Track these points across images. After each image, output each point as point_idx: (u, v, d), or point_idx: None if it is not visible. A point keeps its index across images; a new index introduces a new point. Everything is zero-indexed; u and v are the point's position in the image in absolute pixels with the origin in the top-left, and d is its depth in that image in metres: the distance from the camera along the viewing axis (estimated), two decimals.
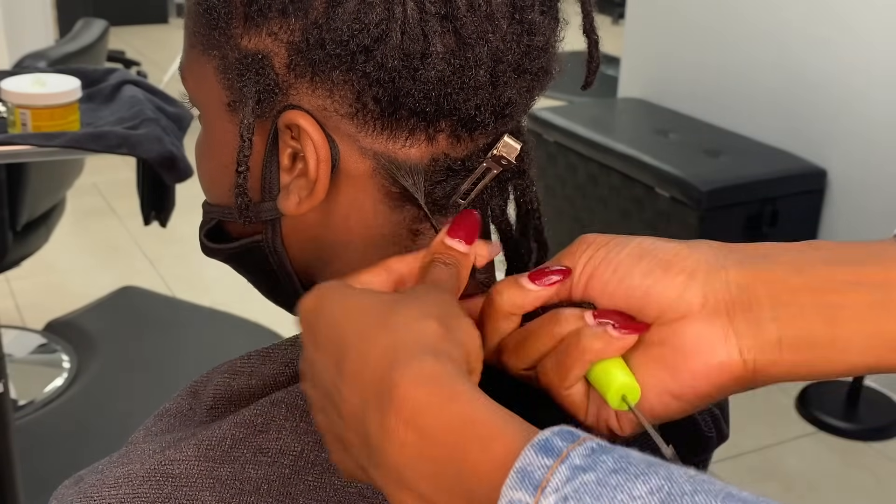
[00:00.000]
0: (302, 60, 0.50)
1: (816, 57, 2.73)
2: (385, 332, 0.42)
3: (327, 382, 0.44)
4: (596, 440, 0.37)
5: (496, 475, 0.37)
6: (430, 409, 0.39)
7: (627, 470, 0.35)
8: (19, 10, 3.38)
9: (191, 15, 0.55)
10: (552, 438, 0.36)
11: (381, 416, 0.40)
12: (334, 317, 0.44)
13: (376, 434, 0.40)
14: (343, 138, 0.51)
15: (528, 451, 0.36)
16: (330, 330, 0.44)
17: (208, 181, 0.59)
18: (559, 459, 0.36)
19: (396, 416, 0.39)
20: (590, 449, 0.36)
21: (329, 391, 0.44)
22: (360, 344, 0.42)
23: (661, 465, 0.35)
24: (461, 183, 0.53)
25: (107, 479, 0.53)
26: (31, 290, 3.07)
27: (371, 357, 0.41)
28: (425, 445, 0.39)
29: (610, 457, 0.35)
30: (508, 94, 0.52)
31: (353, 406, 0.42)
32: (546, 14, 0.53)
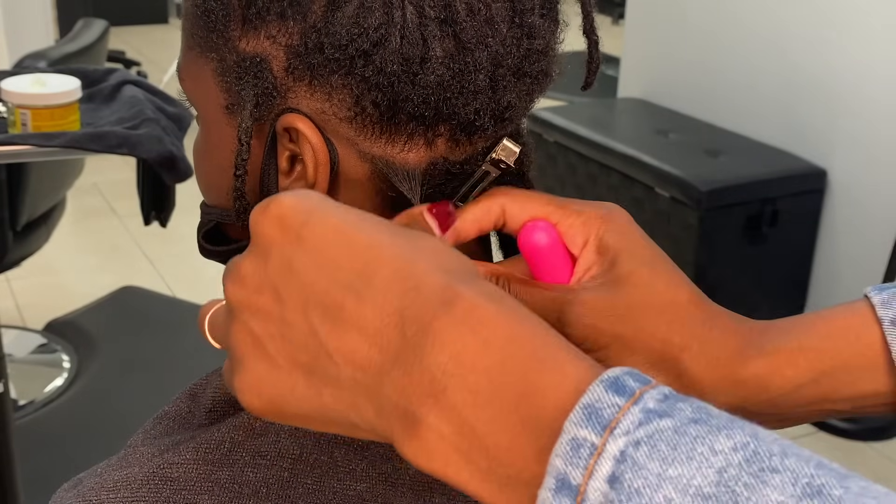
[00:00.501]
0: (300, 64, 0.50)
1: (817, 57, 2.73)
2: (427, 251, 0.39)
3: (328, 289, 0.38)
4: (668, 387, 0.33)
5: (562, 405, 0.33)
6: (498, 322, 0.35)
7: (708, 421, 0.31)
8: (19, 10, 3.38)
9: (189, 17, 0.54)
10: (623, 377, 0.33)
11: (433, 319, 0.35)
12: (343, 224, 0.39)
13: (416, 336, 0.36)
14: (341, 142, 0.51)
15: (596, 386, 0.33)
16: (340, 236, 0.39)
17: (206, 183, 0.59)
18: (632, 400, 0.32)
19: (458, 320, 0.35)
20: (663, 394, 0.33)
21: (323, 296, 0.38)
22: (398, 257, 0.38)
23: (745, 421, 0.32)
24: (460, 186, 0.53)
25: (105, 482, 0.53)
26: (31, 290, 3.07)
27: (420, 266, 0.37)
28: (485, 357, 0.35)
29: (688, 405, 0.32)
30: (508, 98, 0.52)
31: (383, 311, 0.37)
32: (546, 17, 0.53)
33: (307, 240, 0.39)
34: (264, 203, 0.41)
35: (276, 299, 0.39)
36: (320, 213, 0.40)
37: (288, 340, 0.39)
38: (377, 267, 0.38)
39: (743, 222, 2.65)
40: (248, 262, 0.41)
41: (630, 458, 0.31)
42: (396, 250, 0.38)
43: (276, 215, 0.40)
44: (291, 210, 0.40)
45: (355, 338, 0.37)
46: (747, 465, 0.30)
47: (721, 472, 0.30)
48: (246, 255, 0.41)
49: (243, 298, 0.40)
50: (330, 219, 0.40)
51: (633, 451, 0.31)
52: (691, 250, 2.61)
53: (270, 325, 0.39)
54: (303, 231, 0.39)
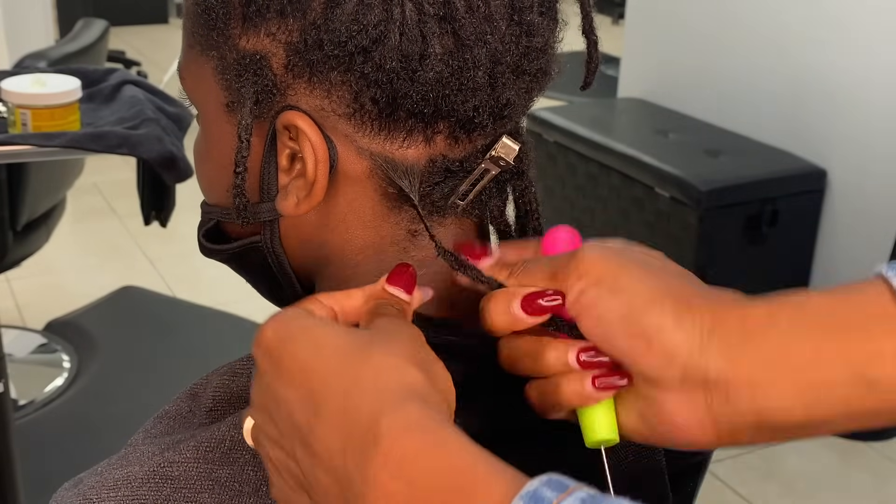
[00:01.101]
0: (300, 61, 0.50)
1: (817, 57, 2.73)
2: (368, 375, 0.41)
3: (297, 418, 0.42)
4: (585, 489, 0.36)
5: None
6: (418, 459, 0.38)
7: None
8: (19, 10, 3.38)
9: (189, 15, 0.55)
10: (541, 489, 0.36)
11: (366, 464, 0.39)
12: (306, 351, 0.43)
13: (358, 481, 0.39)
14: (340, 139, 0.51)
15: (517, 502, 0.35)
16: (302, 364, 0.43)
17: (207, 182, 0.59)
18: None
19: (384, 466, 0.38)
20: (580, 500, 0.35)
21: (297, 427, 0.42)
22: (342, 385, 0.41)
23: None
24: (459, 184, 0.53)
25: (106, 481, 0.53)
26: (31, 290, 3.07)
27: (354, 400, 0.40)
28: (413, 496, 0.38)
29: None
30: (507, 96, 0.52)
31: (331, 448, 0.41)
32: (545, 15, 0.53)
33: (282, 370, 0.43)
34: (257, 332, 0.45)
35: (276, 428, 0.44)
36: (291, 343, 0.43)
37: (286, 465, 0.44)
38: (325, 401, 0.41)
39: (743, 222, 2.65)
40: (255, 389, 0.45)
41: None
42: (340, 382, 0.41)
43: (263, 345, 0.44)
44: (272, 340, 0.44)
45: (321, 472, 0.41)
46: None
47: None
48: (254, 383, 0.46)
49: (259, 423, 0.45)
50: (298, 351, 0.43)
51: None
52: (691, 250, 2.61)
53: (277, 452, 0.44)
54: (280, 364, 0.43)
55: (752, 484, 2.30)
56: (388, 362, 0.42)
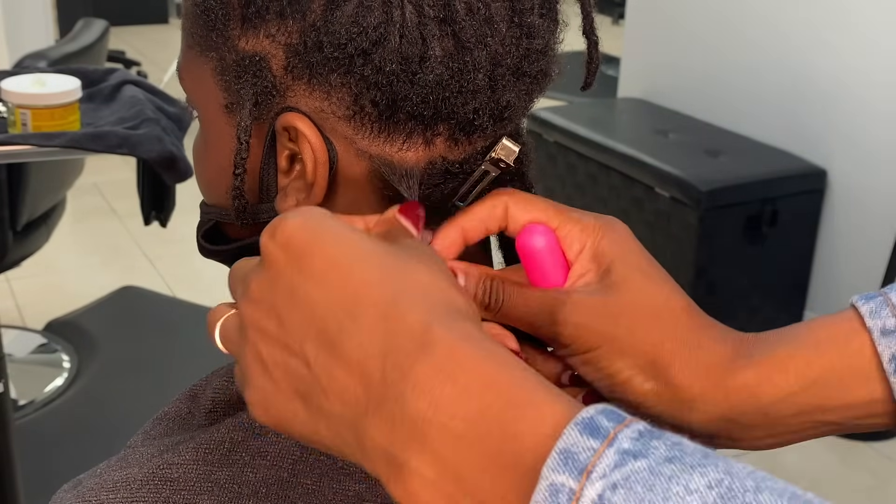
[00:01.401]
0: (299, 63, 0.50)
1: (817, 57, 2.73)
2: (416, 287, 0.39)
3: (321, 318, 0.39)
4: (642, 423, 0.34)
5: (540, 450, 0.34)
6: (474, 367, 0.36)
7: (682, 459, 0.32)
8: (19, 10, 3.38)
9: (188, 16, 0.54)
10: (597, 417, 0.34)
11: (413, 368, 0.36)
12: (342, 252, 0.40)
13: (398, 384, 0.36)
14: (340, 140, 0.51)
15: (571, 429, 0.33)
16: (337, 265, 0.40)
17: (206, 182, 0.59)
18: (606, 442, 0.33)
19: (438, 370, 0.36)
20: (637, 432, 0.33)
21: (319, 327, 0.39)
22: (387, 292, 0.39)
23: (718, 457, 0.33)
24: (459, 186, 0.53)
25: (105, 482, 0.53)
26: (31, 290, 3.08)
27: (401, 308, 0.38)
28: (463, 404, 0.35)
29: (662, 443, 0.33)
30: (507, 98, 0.52)
31: (367, 352, 0.38)
32: (545, 17, 0.52)
33: (307, 269, 0.40)
34: (273, 224, 0.42)
35: (280, 325, 0.40)
36: (321, 241, 0.41)
37: (289, 370, 0.40)
38: (365, 306, 0.39)
39: (743, 222, 2.65)
40: (258, 282, 0.42)
41: (608, 502, 0.32)
42: (385, 289, 0.39)
43: (282, 239, 0.41)
44: (295, 235, 0.41)
45: (343, 374, 0.38)
46: (722, 501, 0.30)
47: None
48: (257, 271, 0.42)
49: (254, 318, 0.42)
50: (329, 249, 0.40)
51: (610, 495, 0.32)
52: (691, 250, 2.61)
53: (275, 350, 0.41)
54: (304, 259, 0.40)
55: None
56: (434, 278, 0.41)
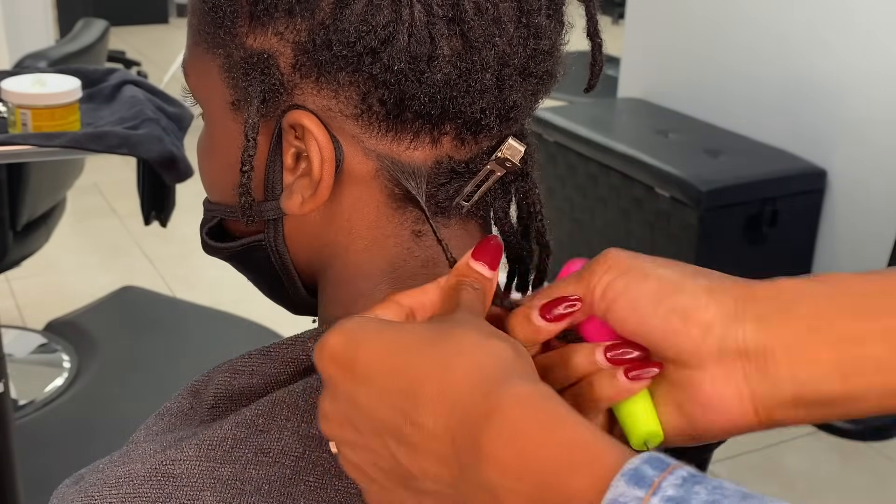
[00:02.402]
0: (308, 61, 0.50)
1: (817, 57, 2.73)
2: (462, 357, 0.41)
3: (384, 415, 0.42)
4: (686, 468, 0.36)
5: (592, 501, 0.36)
6: (530, 431, 0.39)
7: (722, 503, 0.34)
8: (19, 10, 3.38)
9: (196, 13, 0.54)
10: (642, 467, 0.36)
11: (479, 439, 0.39)
12: (384, 348, 0.43)
13: (470, 453, 0.39)
14: (347, 139, 0.51)
15: (618, 480, 0.36)
16: (382, 361, 0.43)
17: (210, 180, 0.59)
18: (651, 490, 0.35)
19: (498, 437, 0.39)
20: (681, 478, 0.35)
21: (387, 424, 0.42)
22: (435, 371, 0.41)
23: (755, 496, 0.34)
24: (465, 185, 0.53)
25: (108, 478, 0.53)
26: (31, 290, 3.07)
27: (453, 382, 0.41)
28: (525, 467, 0.38)
29: (703, 487, 0.35)
30: (514, 98, 0.52)
31: (435, 434, 0.41)
32: (552, 18, 0.53)
33: (360, 375, 0.43)
34: (320, 344, 0.45)
35: (357, 432, 0.44)
36: (364, 344, 0.43)
37: (379, 466, 0.43)
38: (420, 388, 0.41)
39: (743, 222, 2.65)
40: (325, 402, 0.45)
41: None
42: (434, 368, 0.41)
43: (329, 356, 0.44)
44: (337, 346, 0.44)
45: (423, 458, 0.42)
46: None
47: None
48: (322, 395, 0.46)
49: (335, 434, 0.45)
50: (373, 348, 0.43)
51: None
52: (691, 250, 2.61)
53: (362, 454, 0.44)
54: (355, 368, 0.43)
55: (752, 484, 2.30)
56: (478, 341, 0.42)
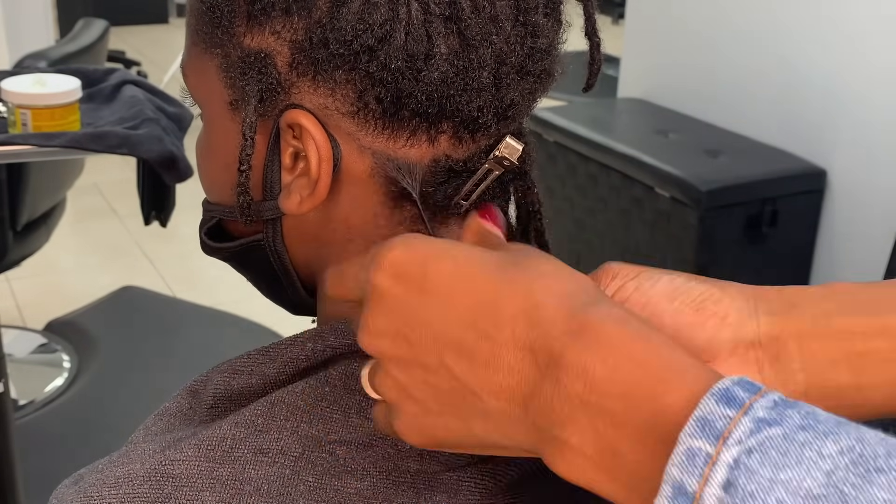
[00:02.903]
0: (305, 59, 0.50)
1: (817, 57, 2.73)
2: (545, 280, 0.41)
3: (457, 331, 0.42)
4: (777, 393, 0.36)
5: (681, 417, 0.36)
6: (623, 346, 0.38)
7: (815, 427, 0.34)
8: (19, 10, 3.38)
9: (193, 13, 0.55)
10: (733, 388, 0.35)
11: (564, 351, 0.39)
12: (459, 267, 0.43)
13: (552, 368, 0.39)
14: (344, 137, 0.51)
15: (707, 399, 0.35)
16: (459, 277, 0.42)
17: (209, 180, 0.59)
18: (742, 410, 0.35)
19: (586, 350, 0.38)
20: (772, 402, 0.35)
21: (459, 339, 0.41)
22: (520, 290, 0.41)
23: (851, 424, 0.34)
24: (463, 184, 0.53)
25: (107, 478, 0.53)
26: (31, 290, 3.07)
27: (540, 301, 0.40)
28: (615, 380, 0.38)
29: (796, 412, 0.34)
30: (511, 96, 0.52)
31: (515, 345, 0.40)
32: (549, 16, 0.53)
33: (430, 289, 0.42)
34: (374, 258, 0.44)
35: (412, 348, 0.43)
36: (434, 259, 0.43)
37: (432, 385, 0.42)
38: (501, 306, 0.41)
39: (743, 222, 2.65)
40: (378, 317, 0.44)
41: (743, 465, 0.33)
42: (515, 286, 0.41)
43: (392, 270, 0.43)
44: (406, 262, 0.43)
45: (494, 375, 0.41)
46: (854, 466, 0.32)
47: (829, 475, 0.32)
48: (371, 310, 0.44)
49: (382, 350, 0.44)
50: (445, 264, 0.43)
51: (745, 459, 0.33)
52: (691, 250, 2.61)
53: (413, 372, 0.43)
54: (424, 282, 0.43)
55: None
56: (557, 268, 0.42)
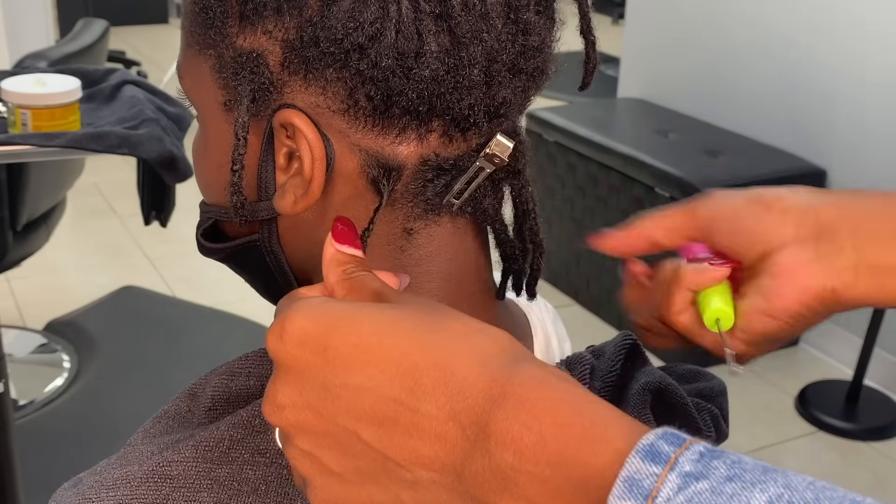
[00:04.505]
0: (296, 58, 0.50)
1: (816, 57, 2.73)
2: (461, 342, 0.40)
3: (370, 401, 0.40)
4: (702, 443, 0.35)
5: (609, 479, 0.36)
6: (547, 412, 0.38)
7: (743, 477, 0.33)
8: (19, 10, 3.38)
9: (187, 14, 0.55)
10: (657, 443, 0.35)
11: (489, 420, 0.38)
12: (366, 331, 0.40)
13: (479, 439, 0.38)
14: (335, 135, 0.51)
15: (633, 457, 0.35)
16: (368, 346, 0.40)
17: (205, 181, 0.59)
18: (668, 466, 0.34)
19: (511, 418, 0.38)
20: (698, 453, 0.35)
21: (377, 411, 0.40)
22: (435, 355, 0.39)
23: (778, 471, 0.34)
24: (453, 182, 0.53)
25: (105, 480, 0.53)
26: (31, 290, 3.08)
27: (460, 367, 0.39)
28: (543, 448, 0.37)
29: (721, 462, 0.34)
30: (503, 94, 0.52)
31: (438, 417, 0.39)
32: (541, 14, 0.53)
33: (335, 359, 0.40)
34: (277, 327, 0.41)
35: (321, 420, 0.41)
36: (339, 327, 0.40)
37: (348, 457, 0.41)
38: (418, 375, 0.39)
39: None
40: (282, 390, 0.41)
41: None
42: (430, 353, 0.40)
43: (295, 340, 0.41)
44: (310, 331, 0.41)
45: (421, 445, 0.39)
46: None
47: None
48: (276, 382, 0.42)
49: (291, 422, 0.41)
50: (351, 333, 0.40)
51: None
52: None
53: (325, 444, 0.41)
54: (328, 351, 0.40)
55: None
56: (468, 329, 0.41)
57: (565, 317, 0.74)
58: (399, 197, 0.53)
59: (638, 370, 0.60)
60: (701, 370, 0.66)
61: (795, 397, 2.64)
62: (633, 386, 0.58)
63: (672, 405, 0.58)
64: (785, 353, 2.85)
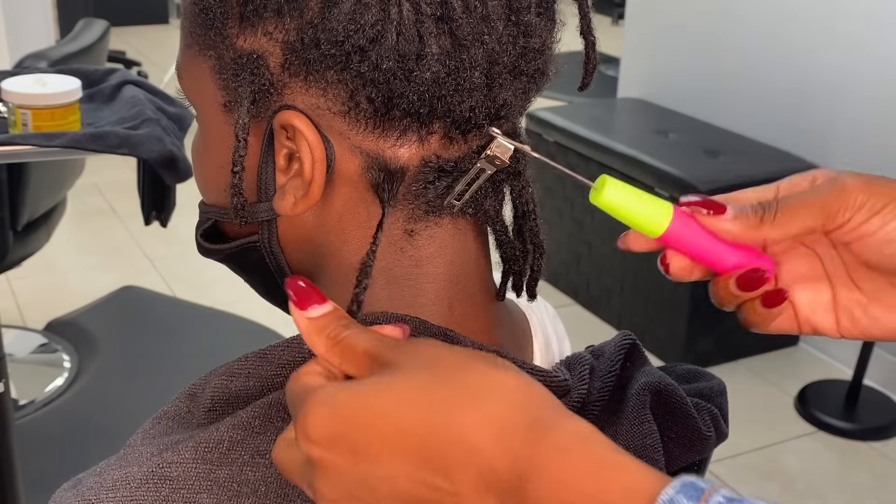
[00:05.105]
0: (296, 60, 0.50)
1: (817, 57, 2.73)
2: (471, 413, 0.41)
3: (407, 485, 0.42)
4: (722, 492, 0.36)
5: None
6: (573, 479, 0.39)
7: None
8: (20, 10, 3.38)
9: (187, 15, 0.55)
10: (676, 497, 0.36)
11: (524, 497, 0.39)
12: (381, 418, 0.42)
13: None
14: (336, 137, 0.51)
15: None
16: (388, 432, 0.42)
17: (204, 181, 0.59)
18: None
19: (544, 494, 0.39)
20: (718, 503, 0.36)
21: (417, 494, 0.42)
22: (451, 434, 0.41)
23: None
24: (454, 184, 0.53)
25: (104, 481, 0.53)
26: (31, 290, 3.08)
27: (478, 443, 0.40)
28: None
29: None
30: (504, 96, 0.52)
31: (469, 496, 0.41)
32: (542, 16, 0.53)
33: (368, 458, 0.42)
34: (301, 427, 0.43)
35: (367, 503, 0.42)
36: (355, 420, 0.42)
37: None
38: (442, 460, 0.41)
39: None
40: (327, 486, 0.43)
41: None
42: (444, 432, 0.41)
43: (322, 440, 0.42)
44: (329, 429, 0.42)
45: None
46: None
47: None
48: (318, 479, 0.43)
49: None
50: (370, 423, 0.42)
51: None
52: None
53: None
54: (359, 455, 0.42)
55: (752, 484, 2.30)
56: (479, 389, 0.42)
57: (565, 317, 0.74)
58: (400, 198, 0.53)
59: (637, 370, 0.60)
60: (701, 370, 0.66)
61: (795, 397, 2.64)
62: (632, 386, 0.58)
63: (672, 405, 0.58)
64: (785, 353, 2.85)
